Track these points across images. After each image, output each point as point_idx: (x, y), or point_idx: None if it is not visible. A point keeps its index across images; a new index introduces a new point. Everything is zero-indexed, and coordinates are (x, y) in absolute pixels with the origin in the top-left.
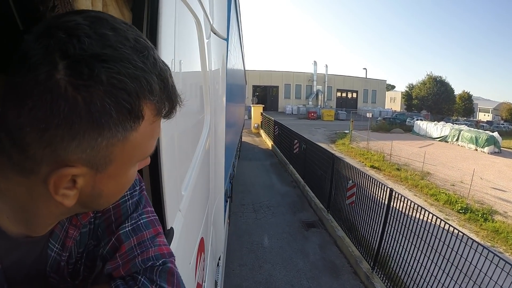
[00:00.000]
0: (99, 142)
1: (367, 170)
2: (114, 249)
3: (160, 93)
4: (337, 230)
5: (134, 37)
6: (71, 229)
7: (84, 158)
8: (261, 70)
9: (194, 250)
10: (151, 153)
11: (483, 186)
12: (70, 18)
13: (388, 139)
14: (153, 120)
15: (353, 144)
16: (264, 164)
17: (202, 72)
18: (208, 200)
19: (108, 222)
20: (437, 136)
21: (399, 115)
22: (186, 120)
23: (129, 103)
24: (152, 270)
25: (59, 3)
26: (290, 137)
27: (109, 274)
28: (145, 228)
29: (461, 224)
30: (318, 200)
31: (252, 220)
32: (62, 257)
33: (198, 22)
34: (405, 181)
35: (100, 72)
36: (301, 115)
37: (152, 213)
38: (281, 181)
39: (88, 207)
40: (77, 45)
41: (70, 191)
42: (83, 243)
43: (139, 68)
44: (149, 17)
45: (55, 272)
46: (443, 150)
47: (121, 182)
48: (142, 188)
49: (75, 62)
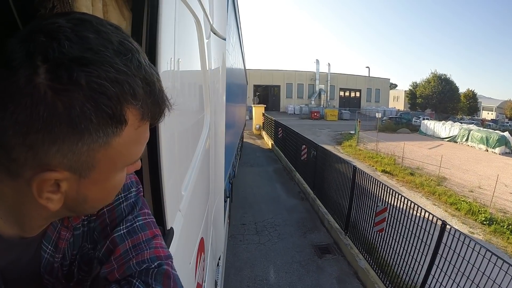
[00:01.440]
0: (79, 147)
1: (379, 175)
2: (109, 252)
3: (145, 97)
4: (359, 259)
5: (118, 40)
6: (63, 230)
7: (66, 163)
8: (262, 69)
9: (194, 250)
10: (138, 158)
11: (502, 192)
12: (53, 20)
13: (395, 140)
14: (138, 125)
15: (360, 145)
16: (267, 170)
17: (202, 72)
18: (208, 200)
19: (103, 225)
20: (446, 136)
21: (404, 114)
22: (186, 120)
23: (110, 108)
24: (147, 273)
25: (58, 3)
26: (296, 141)
27: (104, 277)
28: (141, 231)
29: (487, 238)
30: (333, 219)
31: (254, 245)
32: (55, 258)
33: (198, 22)
34: (420, 188)
35: (80, 76)
36: (303, 115)
37: (149, 215)
38: (287, 191)
39: (75, 211)
40: (57, 49)
41: (54, 195)
42: (77, 245)
43: (121, 71)
44: (149, 17)
45: (49, 274)
46: (454, 152)
47: (106, 187)
48: (139, 190)
49: (54, 66)
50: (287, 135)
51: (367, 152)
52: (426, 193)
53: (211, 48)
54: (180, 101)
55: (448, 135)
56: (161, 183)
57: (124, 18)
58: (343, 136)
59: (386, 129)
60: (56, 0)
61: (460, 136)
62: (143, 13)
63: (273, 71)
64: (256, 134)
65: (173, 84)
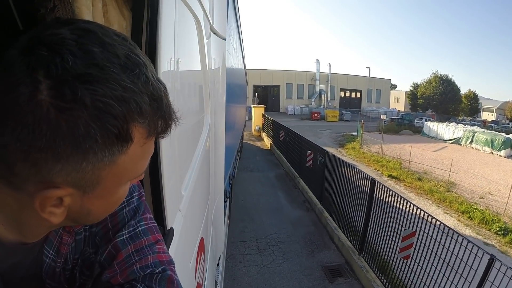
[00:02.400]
0: (84, 166)
1: (386, 180)
2: (112, 257)
3: (152, 114)
4: (376, 285)
5: (125, 53)
6: (65, 235)
7: (70, 180)
8: (261, 69)
9: (194, 250)
10: (143, 172)
11: None
12: (56, 31)
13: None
14: (144, 142)
15: (364, 148)
16: (268, 176)
17: (202, 72)
18: (208, 200)
19: (105, 230)
20: (449, 138)
21: (406, 115)
22: (186, 120)
23: (116, 127)
24: (151, 278)
25: (59, 3)
26: (300, 146)
27: (107, 281)
28: (144, 235)
29: (503, 250)
30: (344, 235)
31: (256, 268)
32: (57, 263)
33: (198, 22)
34: (430, 194)
35: (84, 95)
36: (303, 115)
37: (151, 220)
38: (291, 201)
39: (78, 222)
40: (60, 64)
41: (57, 209)
42: (79, 249)
43: (128, 89)
44: (149, 17)
45: (51, 278)
46: (459, 154)
47: (110, 201)
48: (141, 194)
49: (57, 83)
50: (290, 138)
51: (372, 155)
52: (436, 200)
53: (211, 48)
54: (180, 102)
55: (452, 137)
56: (161, 183)
57: (124, 18)
58: (345, 138)
59: (388, 130)
60: (56, 0)
61: (464, 138)
62: (143, 13)
63: (272, 71)
64: (256, 135)
65: (173, 84)
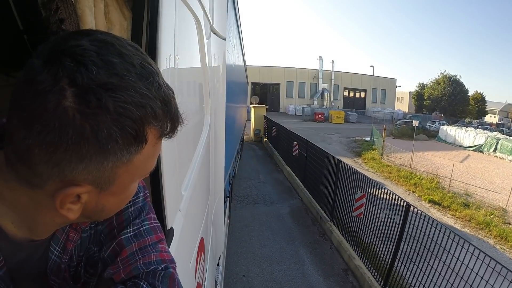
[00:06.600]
0: (105, 165)
1: (427, 207)
2: (115, 254)
3: (163, 117)
4: None
5: (139, 63)
6: (72, 232)
7: (90, 178)
8: (260, 65)
9: (194, 250)
10: (151, 170)
11: None
12: (77, 42)
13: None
14: (155, 142)
15: (384, 157)
16: (280, 214)
17: (202, 72)
18: (208, 200)
19: (110, 227)
20: (470, 145)
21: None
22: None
23: (134, 130)
24: (154, 275)
25: (62, 5)
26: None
27: (109, 278)
28: (147, 234)
29: None
30: None
31: None
32: (62, 259)
33: (198, 22)
34: (487, 229)
35: (108, 102)
36: (306, 116)
37: (155, 220)
38: (323, 269)
39: (91, 218)
40: (85, 74)
41: (74, 206)
42: (84, 247)
43: (144, 95)
44: (149, 17)
45: (55, 274)
46: (487, 165)
47: (122, 197)
48: (146, 195)
49: (83, 91)
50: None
51: (398, 169)
52: (496, 239)
53: (211, 48)
54: (180, 102)
55: (473, 143)
56: (161, 183)
57: (124, 18)
58: (358, 144)
59: (402, 135)
60: (60, 2)
61: (488, 145)
62: (143, 13)
63: (272, 68)
64: (256, 140)
65: (173, 84)
